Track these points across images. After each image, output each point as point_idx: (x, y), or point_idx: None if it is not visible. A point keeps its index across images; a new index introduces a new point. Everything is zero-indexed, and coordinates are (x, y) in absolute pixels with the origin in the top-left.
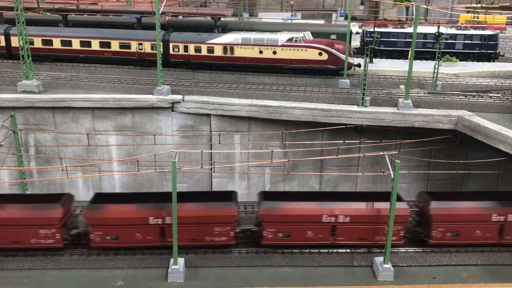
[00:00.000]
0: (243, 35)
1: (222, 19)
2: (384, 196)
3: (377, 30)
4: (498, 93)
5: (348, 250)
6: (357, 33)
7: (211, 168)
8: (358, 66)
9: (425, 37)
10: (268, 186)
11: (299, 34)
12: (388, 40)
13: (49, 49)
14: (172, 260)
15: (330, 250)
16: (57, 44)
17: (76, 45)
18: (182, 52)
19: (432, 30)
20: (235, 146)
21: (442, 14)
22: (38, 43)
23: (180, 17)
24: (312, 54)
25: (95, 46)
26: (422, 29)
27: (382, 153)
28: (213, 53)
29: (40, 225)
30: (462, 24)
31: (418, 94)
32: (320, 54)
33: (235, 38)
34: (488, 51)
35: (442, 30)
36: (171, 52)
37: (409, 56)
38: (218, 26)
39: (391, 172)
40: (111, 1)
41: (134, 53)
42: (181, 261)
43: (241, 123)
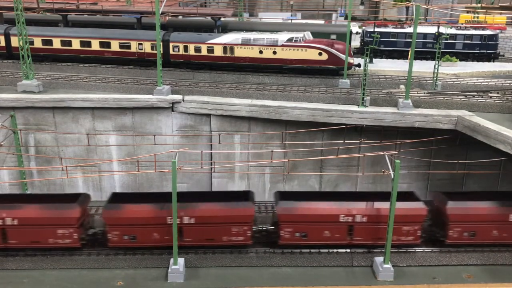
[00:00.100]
0: (243, 35)
1: (222, 19)
2: (401, 195)
3: (377, 30)
4: (498, 93)
5: (348, 250)
6: (357, 33)
7: (211, 168)
8: (358, 66)
9: (425, 37)
10: (268, 186)
11: (299, 34)
12: (388, 40)
13: (49, 49)
14: (172, 260)
15: (330, 250)
16: (57, 44)
17: (76, 45)
18: (182, 52)
19: (432, 30)
20: (235, 146)
21: (442, 14)
22: (38, 43)
23: (180, 17)
24: (312, 54)
25: (95, 46)
26: (422, 29)
27: (382, 153)
28: (213, 53)
29: (58, 225)
30: (462, 24)
31: (418, 94)
32: (320, 54)
33: (235, 38)
34: (488, 51)
35: (442, 30)
36: (171, 52)
37: (409, 56)
38: (218, 26)
39: (391, 172)
40: (111, 1)
41: (134, 53)
42: (181, 261)
43: (241, 123)
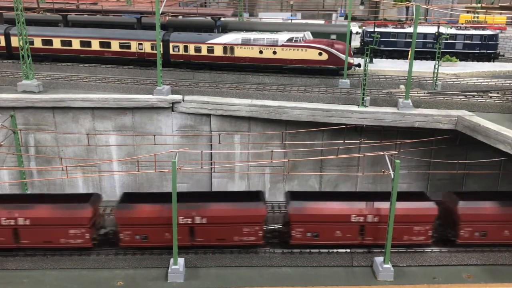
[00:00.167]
0: (243, 35)
1: (222, 19)
2: (412, 195)
3: (377, 30)
4: (498, 93)
5: (348, 250)
6: (357, 33)
7: (211, 168)
8: (358, 66)
9: (425, 37)
10: (268, 186)
11: (299, 34)
12: (388, 40)
13: (49, 49)
14: (172, 260)
15: (330, 250)
16: (57, 44)
17: (76, 45)
18: (182, 52)
19: (432, 30)
20: (235, 146)
21: (442, 14)
22: (38, 43)
23: (180, 17)
24: (312, 54)
25: (95, 46)
26: (422, 29)
27: (382, 153)
28: (213, 53)
29: (70, 224)
30: (462, 24)
31: (418, 94)
32: (320, 54)
33: (235, 38)
34: (488, 51)
35: (442, 30)
36: (171, 52)
37: (409, 56)
38: (218, 26)
39: (391, 172)
40: (111, 1)
41: (134, 53)
42: (181, 261)
43: (241, 123)
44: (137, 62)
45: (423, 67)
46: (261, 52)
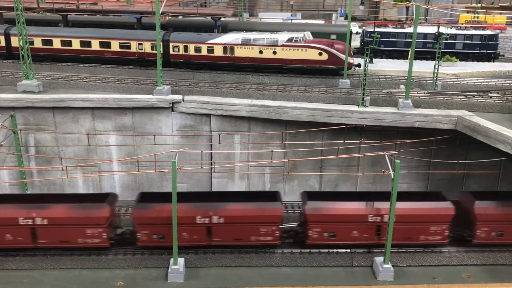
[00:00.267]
0: (243, 35)
1: (222, 19)
2: (428, 195)
3: (377, 30)
4: (498, 93)
5: (348, 250)
6: (357, 33)
7: (211, 168)
8: (358, 66)
9: (425, 37)
10: (268, 186)
11: (299, 34)
12: (388, 40)
13: (49, 49)
14: (172, 260)
15: (330, 250)
16: (57, 44)
17: (76, 45)
18: (182, 52)
19: (432, 30)
20: (235, 146)
21: (442, 14)
22: (38, 43)
23: (180, 17)
24: (312, 54)
25: (95, 46)
26: (422, 29)
27: (382, 153)
28: (213, 53)
29: (87, 224)
30: (462, 24)
31: (418, 94)
32: (320, 54)
33: (235, 38)
34: (488, 51)
35: (442, 30)
36: (171, 52)
37: (409, 56)
38: (218, 26)
39: (391, 172)
40: (111, 1)
41: (134, 53)
42: (181, 261)
43: (241, 123)
44: (137, 62)
45: (423, 67)
46: (261, 52)
